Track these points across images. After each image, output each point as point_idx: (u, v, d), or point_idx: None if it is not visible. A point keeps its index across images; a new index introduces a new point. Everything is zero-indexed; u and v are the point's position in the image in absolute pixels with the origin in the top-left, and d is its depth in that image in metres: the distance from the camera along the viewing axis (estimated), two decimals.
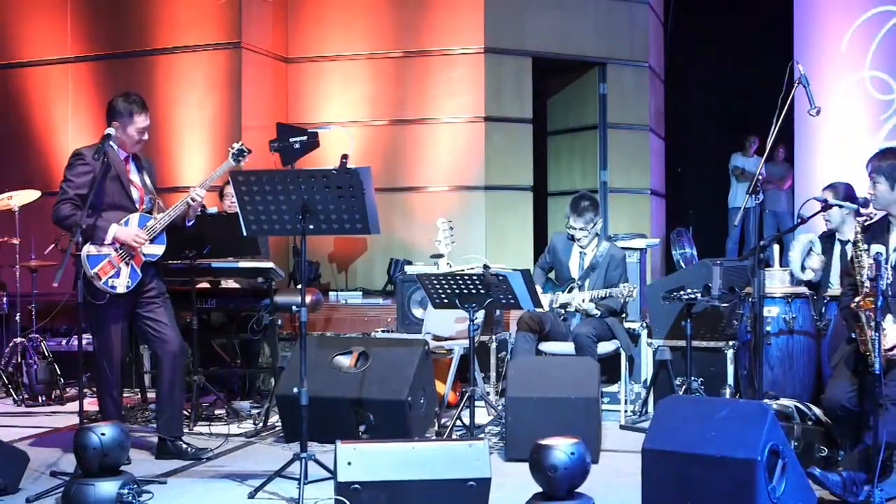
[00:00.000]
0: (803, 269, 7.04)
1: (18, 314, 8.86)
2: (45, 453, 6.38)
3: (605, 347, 7.31)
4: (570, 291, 7.47)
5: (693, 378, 7.12)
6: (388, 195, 11.00)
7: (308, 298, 5.69)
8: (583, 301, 7.37)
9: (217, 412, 7.58)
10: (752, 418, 4.66)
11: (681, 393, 7.15)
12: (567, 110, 12.99)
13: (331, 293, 10.91)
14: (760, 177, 6.10)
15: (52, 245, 8.49)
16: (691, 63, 14.29)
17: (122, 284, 6.13)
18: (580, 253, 7.60)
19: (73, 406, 7.85)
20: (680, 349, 7.43)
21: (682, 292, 7.06)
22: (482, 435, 6.60)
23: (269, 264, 7.54)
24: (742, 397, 6.99)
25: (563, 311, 7.50)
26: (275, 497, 5.33)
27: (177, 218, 6.26)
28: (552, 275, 7.78)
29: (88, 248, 6.07)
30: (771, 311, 6.89)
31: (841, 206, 6.70)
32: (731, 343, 7.46)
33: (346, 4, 11.80)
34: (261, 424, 7.21)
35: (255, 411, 7.71)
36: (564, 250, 7.67)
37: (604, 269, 7.50)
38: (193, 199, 6.24)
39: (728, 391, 7.29)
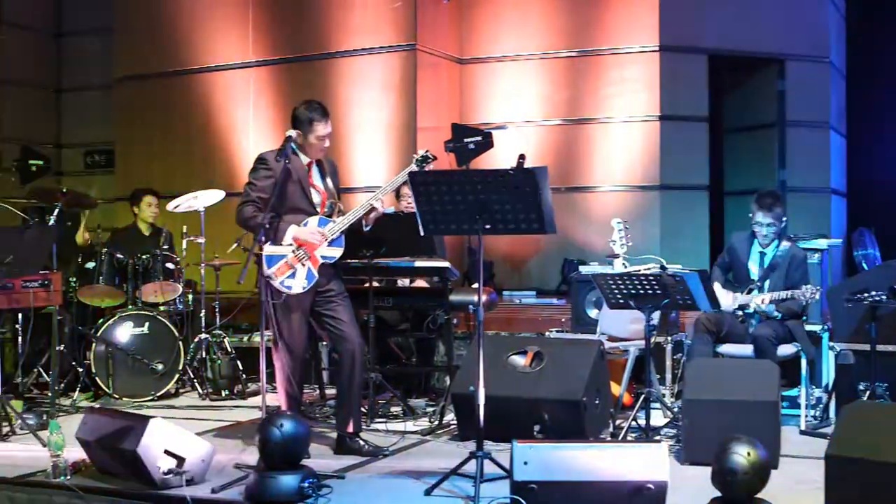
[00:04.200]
0: None
1: (203, 311, 9.15)
2: (229, 446, 6.55)
3: (785, 350, 7.14)
4: (749, 292, 7.32)
5: (878, 383, 6.89)
6: (562, 195, 10.97)
7: (483, 298, 5.71)
8: (762, 302, 7.21)
9: (393, 409, 7.69)
10: None
11: (864, 398, 6.92)
12: (744, 108, 12.73)
13: (504, 293, 10.94)
14: None
15: (235, 244, 8.73)
16: (875, 58, 13.80)
17: (297, 285, 6.26)
18: (760, 253, 7.44)
19: (255, 401, 8.12)
20: (863, 353, 7.19)
21: (866, 294, 6.84)
22: (658, 437, 6.53)
23: (445, 264, 7.59)
24: None
25: (741, 312, 7.35)
26: (451, 495, 5.35)
27: (356, 222, 6.37)
28: (730, 275, 7.63)
29: (268, 249, 6.23)
30: None
31: None
32: None
33: (520, 5, 11.80)
34: (436, 422, 7.27)
35: (430, 409, 7.78)
36: (744, 250, 7.52)
37: (784, 270, 7.33)
38: (376, 208, 6.35)
39: None
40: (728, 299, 7.30)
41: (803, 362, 7.22)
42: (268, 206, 6.11)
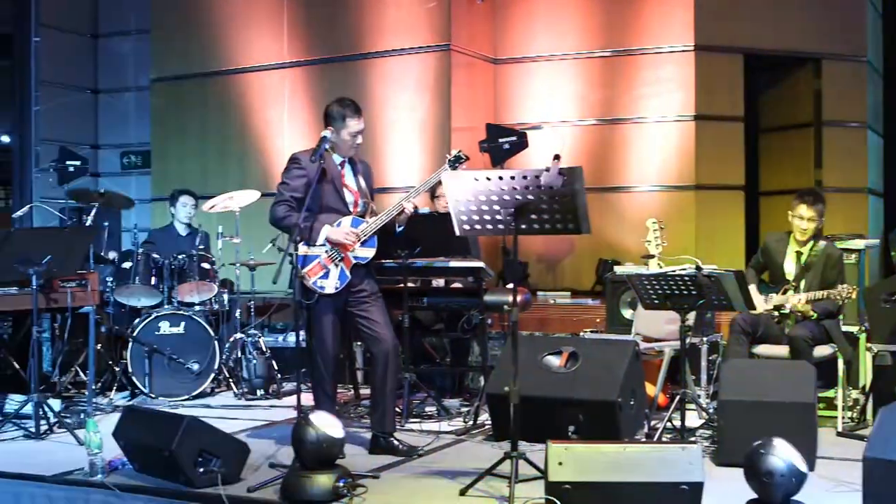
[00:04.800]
0: None
1: (239, 311, 9.19)
2: (264, 445, 6.57)
3: (821, 351, 7.09)
4: (784, 293, 7.28)
5: None
6: (596, 195, 10.91)
7: (518, 298, 5.70)
8: (799, 302, 7.16)
9: (428, 409, 7.70)
10: None
11: None
12: (780, 107, 12.65)
13: (539, 293, 10.93)
14: None
15: (270, 244, 8.77)
16: None
17: (330, 285, 6.28)
18: (796, 252, 7.39)
19: (290, 400, 8.13)
20: None
21: None
22: (693, 438, 6.50)
23: (480, 264, 7.59)
24: None
25: (777, 313, 7.31)
26: (485, 495, 5.35)
27: (388, 222, 6.38)
28: (765, 276, 7.59)
29: (301, 249, 6.24)
30: None
31: None
32: None
33: (555, 5, 11.79)
34: (470, 422, 7.27)
35: (464, 409, 7.78)
36: (779, 250, 7.47)
37: (820, 269, 7.28)
38: (405, 209, 6.35)
39: None
40: (760, 303, 7.25)
41: (840, 363, 7.17)
42: (301, 206, 6.13)
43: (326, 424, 5.30)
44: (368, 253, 6.35)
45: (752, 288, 7.25)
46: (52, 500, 5.67)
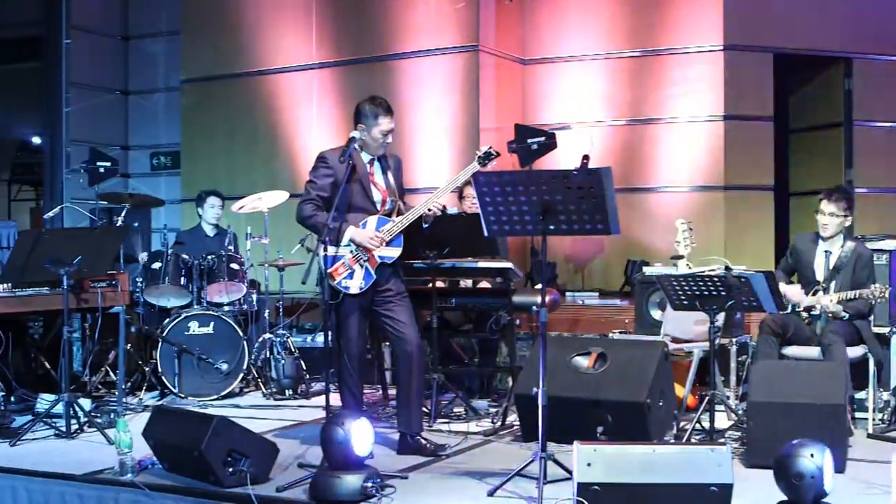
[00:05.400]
0: None
1: (267, 311, 9.22)
2: (292, 445, 6.58)
3: (852, 352, 7.04)
4: (814, 294, 7.24)
5: None
6: (625, 195, 10.90)
7: (546, 298, 5.69)
8: (830, 302, 7.11)
9: (456, 410, 7.69)
10: None
11: None
12: (810, 107, 12.59)
13: (567, 293, 10.91)
14: None
15: (299, 245, 8.80)
16: None
17: (355, 286, 6.28)
18: (825, 253, 7.34)
19: (319, 400, 8.14)
20: None
21: None
22: (722, 440, 6.47)
23: (508, 264, 7.58)
24: None
25: (807, 314, 7.27)
26: (514, 496, 5.34)
27: (414, 221, 6.37)
28: (795, 277, 7.54)
29: (326, 249, 6.24)
30: None
31: None
32: None
33: (583, 5, 11.77)
34: (499, 423, 7.25)
35: (493, 410, 7.77)
36: (808, 251, 7.42)
37: (850, 270, 7.23)
38: (431, 209, 6.35)
39: None
40: (798, 295, 7.20)
41: (871, 364, 7.12)
42: (328, 206, 6.14)
43: (355, 425, 5.31)
44: (394, 252, 6.35)
45: (783, 285, 7.20)
46: (82, 499, 5.71)
